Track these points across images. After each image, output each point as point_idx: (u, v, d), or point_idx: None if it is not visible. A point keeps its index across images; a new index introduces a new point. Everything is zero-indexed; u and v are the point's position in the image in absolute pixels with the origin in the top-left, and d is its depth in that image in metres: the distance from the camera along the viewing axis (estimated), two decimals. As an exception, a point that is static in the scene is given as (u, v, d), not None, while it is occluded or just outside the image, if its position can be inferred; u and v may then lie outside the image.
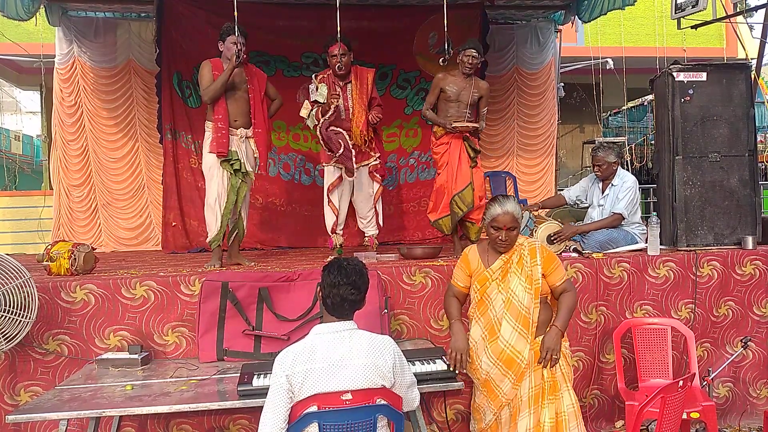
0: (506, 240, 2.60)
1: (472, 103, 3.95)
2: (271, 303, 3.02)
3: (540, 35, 6.38)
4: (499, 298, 2.63)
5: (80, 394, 2.42)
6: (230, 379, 2.57)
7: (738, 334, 3.53)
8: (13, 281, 2.67)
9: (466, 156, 3.89)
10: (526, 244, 2.68)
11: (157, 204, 5.73)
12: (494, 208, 2.60)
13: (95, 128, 5.75)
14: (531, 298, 2.59)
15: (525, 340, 2.57)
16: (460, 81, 3.92)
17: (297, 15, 5.63)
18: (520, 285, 2.61)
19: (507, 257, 2.65)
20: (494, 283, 2.64)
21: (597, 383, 3.39)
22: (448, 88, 3.90)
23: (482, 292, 2.66)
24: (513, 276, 2.63)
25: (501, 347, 2.58)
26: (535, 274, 2.61)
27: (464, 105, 3.91)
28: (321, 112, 3.89)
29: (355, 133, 3.91)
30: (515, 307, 2.59)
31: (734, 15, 4.79)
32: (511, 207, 2.60)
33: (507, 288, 2.62)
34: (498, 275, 2.64)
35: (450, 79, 3.92)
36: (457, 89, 3.90)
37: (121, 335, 3.00)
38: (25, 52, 7.18)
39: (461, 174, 3.87)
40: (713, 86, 3.76)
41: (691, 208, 3.76)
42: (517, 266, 2.63)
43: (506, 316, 2.59)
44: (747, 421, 3.52)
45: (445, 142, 3.91)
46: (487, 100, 4.06)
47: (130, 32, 5.81)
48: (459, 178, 3.87)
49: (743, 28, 5.22)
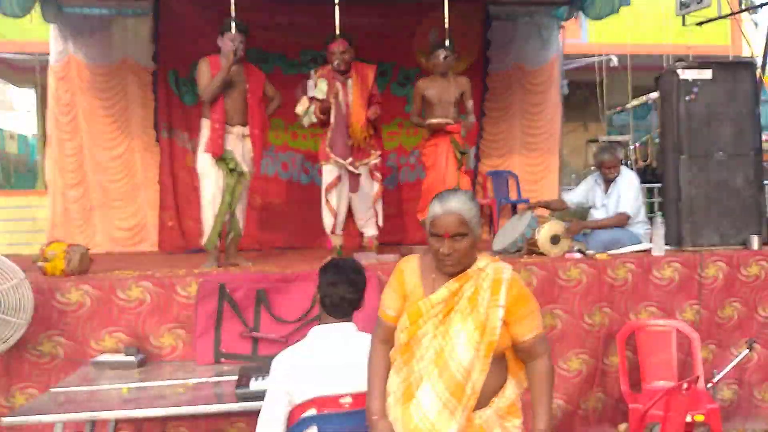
0: (450, 255, 1.73)
1: (456, 101, 4.03)
2: (269, 304, 2.99)
3: (543, 32, 6.32)
4: (432, 346, 1.75)
5: (76, 397, 2.39)
6: (228, 382, 2.55)
7: (743, 336, 3.49)
8: (8, 282, 2.63)
9: (453, 157, 3.98)
10: (491, 270, 1.78)
11: (153, 204, 5.67)
12: (433, 206, 1.77)
13: (90, 127, 5.68)
14: (477, 355, 1.72)
15: (452, 416, 1.70)
16: (439, 82, 4.02)
17: (295, 12, 5.57)
18: (464, 333, 1.73)
19: (456, 286, 1.76)
20: (430, 322, 1.76)
21: (600, 386, 3.35)
22: (428, 92, 4.03)
23: (411, 333, 1.76)
24: (457, 317, 1.75)
25: (414, 420, 1.73)
26: (492, 319, 1.73)
27: (448, 104, 4.00)
28: (320, 110, 3.86)
29: (354, 128, 3.89)
30: (448, 366, 1.72)
31: (739, 12, 4.76)
32: (458, 205, 1.74)
33: (446, 334, 1.74)
34: (437, 311, 1.76)
35: (429, 83, 4.05)
36: (438, 91, 4.01)
37: (117, 337, 2.96)
38: (20, 50, 7.13)
39: (449, 174, 3.95)
40: (718, 84, 3.72)
41: (697, 207, 3.72)
42: (467, 302, 1.75)
43: (432, 375, 1.73)
44: (752, 424, 3.48)
45: (433, 144, 4.01)
46: (470, 94, 4.13)
47: (126, 29, 5.75)
48: (447, 179, 3.95)
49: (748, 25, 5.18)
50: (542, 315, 3.21)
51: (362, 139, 3.94)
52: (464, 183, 4.03)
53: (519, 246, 3.70)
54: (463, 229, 1.73)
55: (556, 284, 3.32)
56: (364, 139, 3.95)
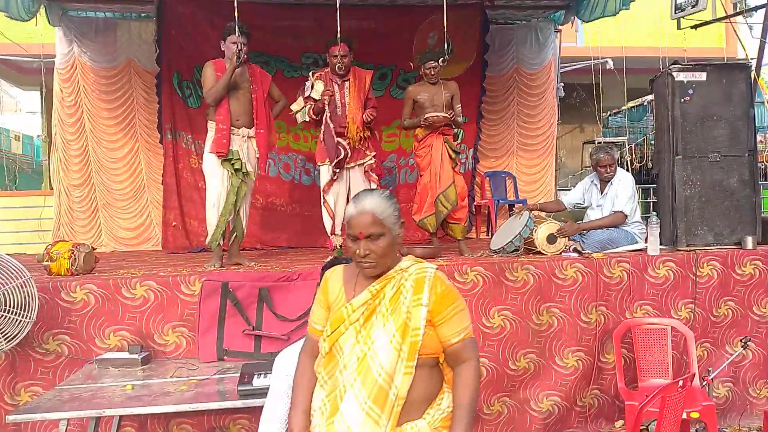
0: (366, 256, 1.68)
1: (447, 104, 4.10)
2: (271, 303, 3.02)
3: (540, 35, 6.38)
4: (355, 353, 1.68)
5: (80, 394, 2.42)
6: (230, 379, 2.58)
7: (738, 334, 3.53)
8: (14, 281, 2.66)
9: (447, 156, 4.04)
10: (414, 270, 1.72)
11: (157, 204, 5.73)
12: (348, 206, 1.75)
13: (95, 128, 5.74)
14: (397, 358, 1.64)
15: (377, 426, 1.62)
16: (429, 87, 4.11)
17: (297, 15, 5.63)
18: (384, 335, 1.66)
19: (377, 288, 1.71)
20: (352, 327, 1.69)
21: (597, 383, 3.39)
22: (420, 97, 4.10)
23: (332, 340, 1.70)
24: (379, 319, 1.68)
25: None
26: (414, 319, 1.66)
27: (440, 108, 4.06)
28: (314, 110, 3.96)
29: (351, 128, 3.97)
30: (370, 371, 1.64)
31: (734, 15, 4.80)
32: (371, 204, 1.69)
33: (367, 338, 1.67)
34: (358, 315, 1.69)
35: (420, 88, 4.13)
36: (429, 95, 4.09)
37: (122, 335, 2.99)
38: (26, 52, 7.18)
39: (444, 174, 4.01)
40: (713, 86, 3.76)
41: (691, 208, 3.76)
42: (389, 303, 1.69)
43: (355, 384, 1.65)
44: (747, 421, 3.51)
45: (428, 145, 4.07)
46: (458, 98, 4.20)
47: (130, 32, 5.81)
48: (442, 178, 4.00)
49: (743, 28, 5.22)
50: (539, 313, 3.31)
51: (358, 139, 4.01)
52: (459, 183, 4.08)
53: (516, 246, 3.74)
54: (378, 228, 1.68)
55: (553, 283, 3.36)
56: (360, 139, 4.02)
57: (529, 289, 3.33)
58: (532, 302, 3.32)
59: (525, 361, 3.29)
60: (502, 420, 3.27)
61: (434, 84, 4.10)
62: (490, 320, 3.27)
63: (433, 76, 4.07)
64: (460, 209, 4.11)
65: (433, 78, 4.08)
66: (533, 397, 3.30)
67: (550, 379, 3.32)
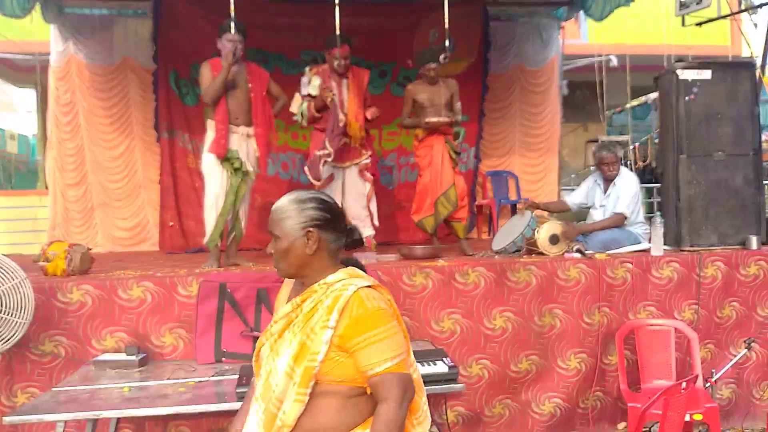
0: (272, 255, 1.60)
1: (447, 103, 4.08)
2: (269, 304, 2.99)
3: (542, 32, 6.34)
4: (266, 367, 1.57)
5: (77, 396, 2.39)
6: (228, 381, 2.55)
7: (742, 335, 3.49)
8: (9, 282, 2.63)
9: (448, 157, 4.02)
10: (339, 285, 1.52)
11: (154, 204, 5.70)
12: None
13: (91, 127, 5.70)
14: (289, 383, 1.48)
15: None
16: (429, 86, 4.08)
17: (295, 12, 5.59)
18: (287, 354, 1.51)
19: (297, 302, 1.57)
20: (271, 340, 1.58)
21: (599, 385, 3.36)
22: (420, 96, 4.08)
23: (257, 349, 1.63)
24: (288, 336, 1.54)
25: None
26: (316, 342, 1.47)
27: (440, 107, 4.04)
28: (315, 107, 3.92)
29: (353, 126, 3.94)
30: (269, 389, 1.52)
31: (738, 12, 4.76)
32: (278, 204, 1.61)
33: (276, 354, 1.55)
34: (278, 328, 1.57)
35: (419, 87, 4.11)
36: (429, 95, 4.07)
37: (118, 336, 2.96)
38: (21, 50, 7.14)
39: (445, 174, 3.99)
40: (718, 85, 3.73)
41: (696, 207, 3.73)
42: (302, 320, 1.53)
43: (259, 398, 1.56)
44: (750, 423, 3.48)
45: (428, 144, 4.04)
46: (458, 96, 4.18)
47: (126, 30, 5.77)
48: (443, 179, 3.99)
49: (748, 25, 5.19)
50: (541, 314, 3.28)
51: (359, 138, 3.98)
52: (460, 183, 4.06)
53: (518, 246, 3.71)
54: (275, 229, 1.57)
55: (556, 284, 3.33)
56: (362, 138, 4.00)
57: (531, 290, 3.29)
58: (534, 303, 3.29)
59: (527, 363, 3.26)
60: (503, 422, 3.24)
61: (434, 84, 4.07)
62: (492, 321, 3.24)
63: (432, 76, 4.04)
64: (461, 208, 4.10)
65: (432, 81, 4.06)
66: (535, 399, 3.27)
67: (552, 380, 3.29)
